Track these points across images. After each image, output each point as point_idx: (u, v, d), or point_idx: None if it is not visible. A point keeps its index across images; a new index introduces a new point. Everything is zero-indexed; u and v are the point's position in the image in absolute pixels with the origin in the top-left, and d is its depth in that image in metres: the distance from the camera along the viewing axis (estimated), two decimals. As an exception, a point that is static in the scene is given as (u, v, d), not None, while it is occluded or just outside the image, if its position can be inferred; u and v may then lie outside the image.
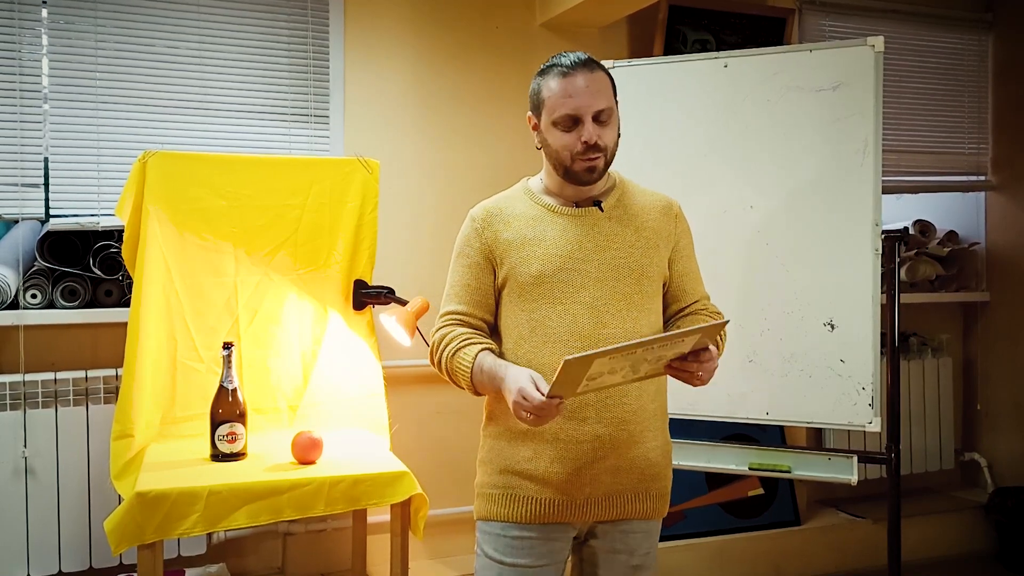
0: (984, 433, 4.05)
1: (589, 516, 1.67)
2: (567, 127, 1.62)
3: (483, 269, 1.69)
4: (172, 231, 2.46)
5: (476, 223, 1.71)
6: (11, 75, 2.63)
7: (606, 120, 1.62)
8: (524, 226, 1.68)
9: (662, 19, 3.34)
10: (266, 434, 2.50)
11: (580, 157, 1.62)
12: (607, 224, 1.68)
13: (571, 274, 1.64)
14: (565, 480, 1.63)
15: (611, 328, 1.62)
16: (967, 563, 3.67)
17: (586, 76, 1.61)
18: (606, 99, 1.62)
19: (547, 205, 1.70)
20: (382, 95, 3.09)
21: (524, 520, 1.66)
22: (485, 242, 1.69)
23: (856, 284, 2.44)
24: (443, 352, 1.67)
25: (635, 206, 1.72)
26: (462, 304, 1.70)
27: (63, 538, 2.57)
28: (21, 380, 2.55)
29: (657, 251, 1.69)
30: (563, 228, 1.67)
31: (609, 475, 1.64)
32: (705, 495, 3.39)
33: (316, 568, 2.97)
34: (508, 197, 1.75)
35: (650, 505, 1.71)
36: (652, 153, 2.63)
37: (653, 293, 1.69)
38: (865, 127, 2.42)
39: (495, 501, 1.68)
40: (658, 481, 1.71)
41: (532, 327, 1.64)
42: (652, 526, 1.75)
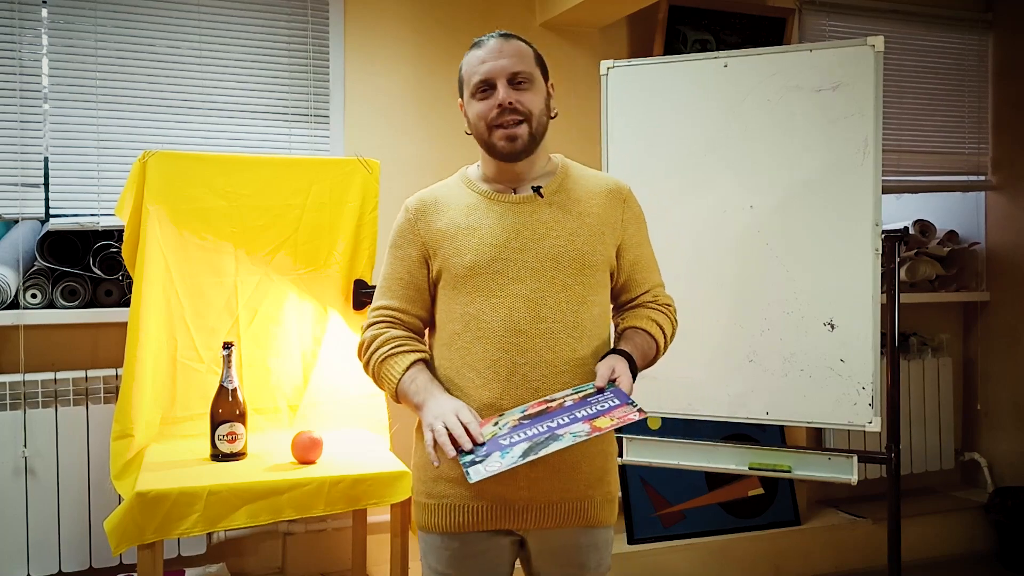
0: (984, 433, 4.05)
1: (528, 523, 1.57)
2: (483, 95, 1.57)
3: (416, 262, 1.62)
4: (172, 231, 2.46)
5: (409, 213, 1.64)
6: (11, 75, 2.63)
7: (525, 84, 1.56)
8: (458, 215, 1.60)
9: (662, 19, 3.34)
10: (266, 434, 2.50)
11: (496, 124, 1.55)
12: (547, 211, 1.59)
13: (506, 264, 1.55)
14: (498, 486, 1.51)
15: (549, 322, 1.53)
16: (967, 563, 3.67)
17: (499, 42, 1.57)
18: (523, 63, 1.56)
19: (484, 192, 1.62)
20: (382, 95, 3.09)
21: (461, 529, 1.57)
22: (418, 233, 1.62)
23: (856, 284, 2.44)
24: (372, 355, 1.61)
25: (578, 191, 1.63)
26: (395, 299, 1.63)
27: (63, 538, 2.57)
28: (21, 380, 2.55)
29: (601, 239, 1.60)
30: (499, 216, 1.58)
31: (546, 480, 1.54)
32: (705, 495, 3.39)
33: (316, 568, 2.97)
34: (444, 185, 1.69)
35: (594, 512, 1.60)
36: (652, 153, 2.63)
37: (597, 284, 1.60)
38: (865, 127, 2.42)
39: (430, 511, 1.59)
40: (602, 486, 1.61)
41: (466, 322, 1.55)
42: (599, 534, 1.62)
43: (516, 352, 1.52)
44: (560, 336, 1.53)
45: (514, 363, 1.52)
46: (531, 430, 1.41)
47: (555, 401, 1.48)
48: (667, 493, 3.33)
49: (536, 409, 1.47)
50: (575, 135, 3.30)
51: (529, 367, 1.52)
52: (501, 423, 1.46)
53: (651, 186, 2.61)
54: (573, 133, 3.31)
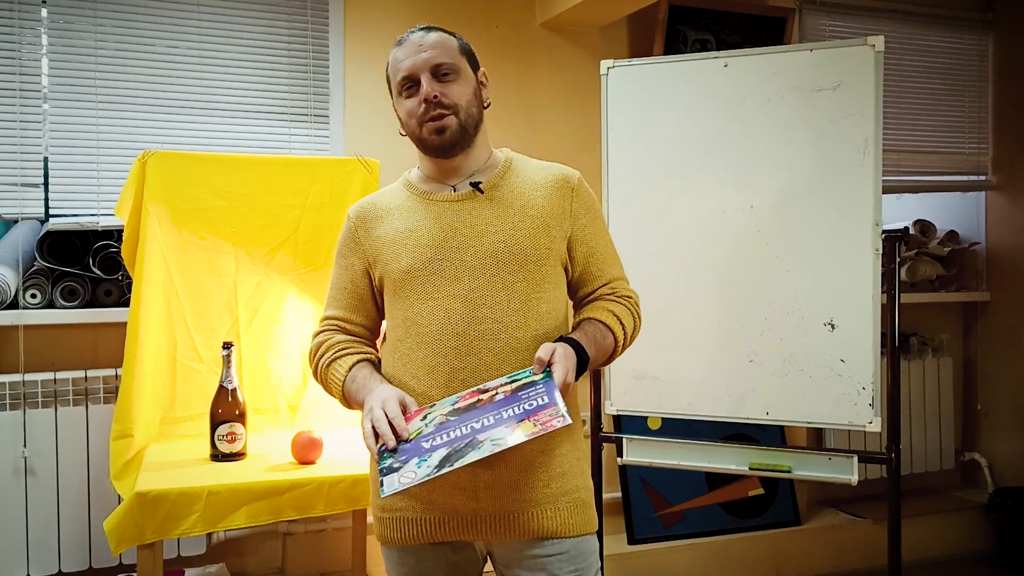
0: (984, 433, 4.05)
1: (485, 535, 1.49)
2: (409, 92, 1.53)
3: (359, 272, 1.59)
4: (172, 231, 2.46)
5: (350, 222, 1.62)
6: (11, 75, 2.63)
7: (449, 76, 1.52)
8: (397, 219, 1.56)
9: (662, 19, 3.34)
10: (266, 434, 2.50)
11: (424, 119, 1.51)
12: (486, 207, 1.53)
13: (443, 265, 1.49)
14: (449, 497, 1.47)
15: (488, 323, 1.46)
16: (967, 563, 3.67)
17: (420, 36, 1.54)
18: (445, 55, 1.52)
19: (422, 193, 1.58)
20: (382, 95, 3.06)
21: (414, 542, 1.51)
22: (359, 242, 1.59)
23: (856, 284, 2.43)
24: (319, 360, 1.59)
25: (522, 185, 1.56)
26: (340, 309, 1.61)
27: (63, 538, 2.57)
28: (21, 380, 2.55)
29: (546, 232, 1.52)
30: (436, 216, 1.53)
31: (503, 488, 1.46)
32: (705, 495, 3.39)
33: (316, 568, 2.97)
34: (385, 191, 1.65)
35: (560, 521, 1.49)
36: (652, 153, 2.63)
37: (543, 280, 1.52)
38: (865, 127, 2.42)
39: (386, 525, 1.54)
40: (565, 494, 1.50)
41: (407, 327, 1.51)
42: (573, 545, 1.50)
43: (454, 356, 1.46)
44: (501, 337, 1.46)
45: (452, 367, 1.46)
46: (454, 431, 1.34)
47: (487, 392, 1.40)
48: (667, 493, 3.33)
49: (467, 401, 1.40)
50: (575, 135, 3.30)
51: (469, 371, 1.46)
52: (429, 417, 1.40)
53: (651, 186, 2.62)
54: (573, 133, 3.31)
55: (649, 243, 2.57)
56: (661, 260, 2.54)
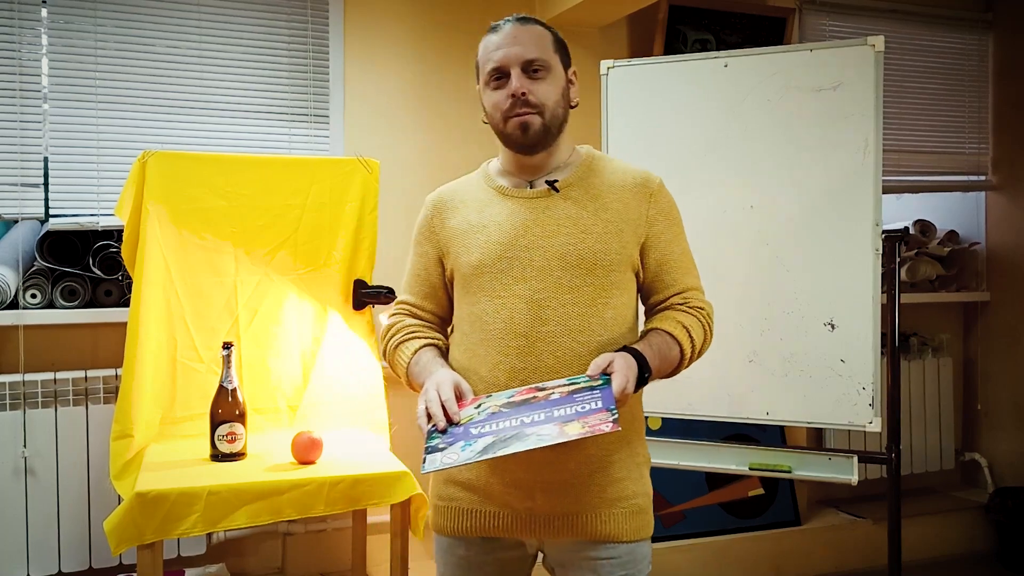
0: (984, 433, 4.05)
1: (540, 534, 1.50)
2: (497, 83, 1.50)
3: (432, 260, 1.61)
4: (172, 231, 2.45)
5: (427, 210, 1.63)
6: (11, 75, 2.63)
7: (540, 73, 1.49)
8: (471, 212, 1.56)
9: (662, 19, 3.34)
10: (266, 434, 2.50)
11: (510, 114, 1.48)
12: (562, 207, 1.51)
13: (511, 264, 1.49)
14: (505, 493, 1.49)
15: (552, 325, 1.46)
16: (967, 563, 3.67)
17: (515, 27, 1.50)
18: (538, 50, 1.49)
19: (499, 187, 1.56)
20: (382, 95, 3.09)
21: (467, 534, 1.53)
22: (434, 231, 1.60)
23: (856, 284, 2.43)
24: (388, 343, 1.62)
25: (600, 185, 1.54)
26: (413, 295, 1.64)
27: (63, 538, 2.57)
28: (21, 380, 2.55)
29: (619, 237, 1.50)
30: (510, 212, 1.52)
31: (557, 492, 1.47)
32: (705, 495, 3.39)
33: (316, 568, 2.97)
34: (464, 181, 1.64)
35: (615, 526, 1.49)
36: (652, 153, 2.62)
37: (611, 285, 1.49)
38: (865, 127, 2.42)
39: (441, 514, 1.56)
40: (621, 500, 1.50)
41: (472, 322, 1.52)
42: (625, 550, 1.50)
43: (516, 356, 1.47)
44: (563, 340, 1.46)
45: (513, 367, 1.47)
46: (504, 422, 1.34)
47: (544, 391, 1.41)
48: (667, 493, 3.33)
49: (522, 396, 1.41)
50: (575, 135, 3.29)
51: (529, 371, 1.46)
52: (483, 407, 1.41)
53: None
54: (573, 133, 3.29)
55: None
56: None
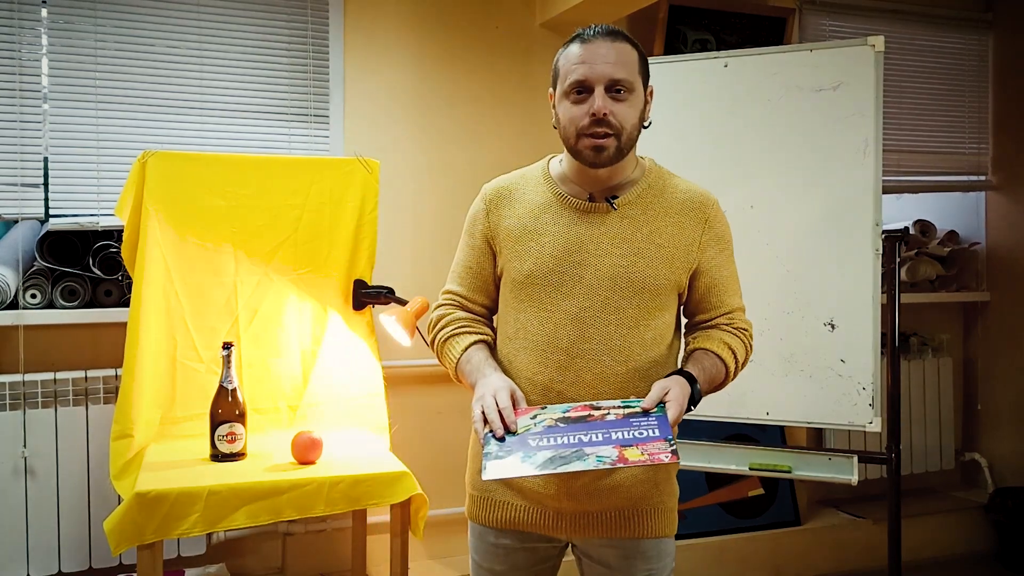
0: (984, 433, 4.05)
1: (569, 531, 1.56)
2: (578, 97, 1.47)
3: (484, 253, 1.60)
4: (172, 231, 2.46)
5: (484, 202, 1.61)
6: (11, 75, 2.63)
7: (623, 95, 1.46)
8: (528, 214, 1.55)
9: (662, 19, 3.34)
10: (266, 434, 2.50)
11: (586, 133, 1.46)
12: (617, 224, 1.51)
13: (562, 278, 1.50)
14: (537, 490, 1.53)
15: (593, 343, 1.48)
16: (967, 563, 3.67)
17: (605, 43, 1.47)
18: (625, 70, 1.46)
19: (558, 193, 1.55)
20: (382, 95, 3.09)
21: (499, 525, 1.59)
22: (490, 224, 1.59)
23: (856, 284, 2.43)
24: (438, 334, 1.62)
25: (658, 206, 1.54)
26: (462, 286, 1.63)
27: (63, 538, 2.56)
28: (21, 380, 2.55)
29: (670, 263, 1.52)
30: (567, 224, 1.52)
31: (586, 492, 1.51)
32: (705, 495, 3.39)
33: (316, 568, 2.97)
34: (524, 176, 1.62)
35: (641, 523, 1.54)
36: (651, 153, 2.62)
37: (655, 307, 1.51)
38: (865, 127, 2.42)
39: (475, 503, 1.62)
40: (648, 500, 1.55)
41: (516, 328, 1.55)
42: (652, 545, 1.56)
43: (555, 369, 1.50)
44: (602, 359, 1.49)
45: (551, 379, 1.50)
46: (563, 437, 1.37)
47: (599, 411, 1.43)
48: (667, 493, 3.33)
49: (578, 414, 1.43)
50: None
51: (566, 384, 1.49)
52: (539, 419, 1.42)
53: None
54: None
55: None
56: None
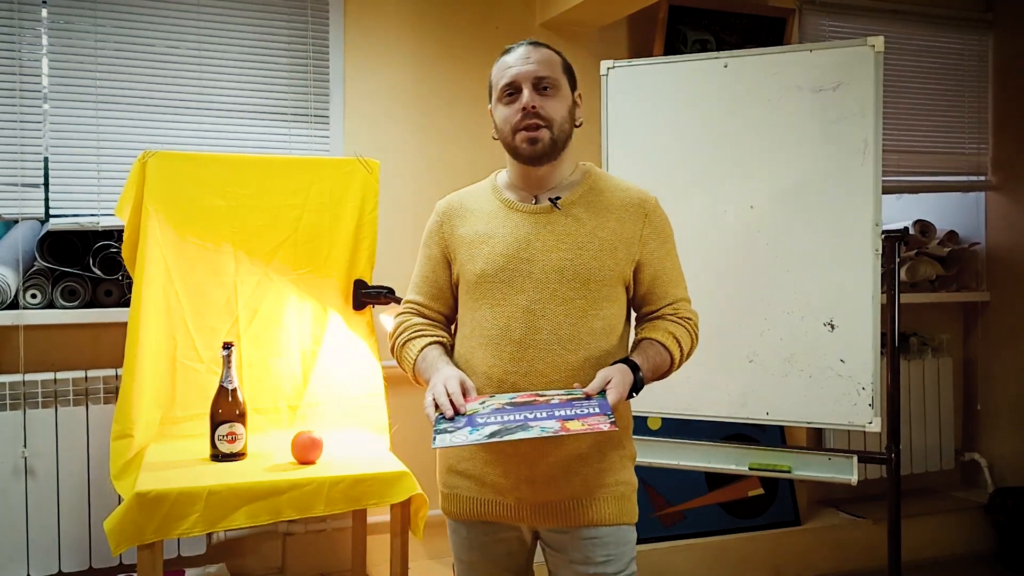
0: (984, 433, 4.05)
1: (532, 520, 1.63)
2: (509, 99, 1.61)
3: (440, 263, 1.72)
4: (172, 231, 2.46)
5: (437, 217, 1.74)
6: (11, 75, 2.63)
7: (549, 91, 1.60)
8: (479, 222, 1.67)
9: (662, 19, 3.34)
10: (266, 434, 2.50)
11: (520, 127, 1.59)
12: (562, 223, 1.62)
13: (512, 275, 1.60)
14: (498, 482, 1.62)
15: (544, 334, 1.58)
16: (967, 563, 3.67)
17: (528, 49, 1.62)
18: (549, 69, 1.60)
19: (506, 200, 1.67)
20: (382, 95, 3.09)
21: (467, 518, 1.68)
22: (443, 236, 1.71)
23: (856, 284, 2.43)
24: (396, 340, 1.72)
25: (600, 204, 1.65)
26: (420, 295, 1.74)
27: (63, 538, 2.57)
28: (21, 380, 2.55)
29: (613, 254, 1.62)
30: (515, 226, 1.63)
31: (546, 481, 1.60)
32: (705, 495, 3.39)
33: (316, 568, 2.97)
34: (474, 190, 1.75)
35: (599, 510, 1.61)
36: (652, 153, 2.63)
37: (602, 298, 1.61)
38: (865, 127, 2.42)
39: (446, 500, 1.71)
40: (606, 488, 1.62)
41: (472, 327, 1.65)
42: (608, 532, 1.63)
43: (509, 361, 1.59)
44: (554, 348, 1.58)
45: (506, 370, 1.59)
46: (508, 416, 1.46)
47: (543, 397, 1.52)
48: (667, 493, 3.33)
49: (523, 399, 1.52)
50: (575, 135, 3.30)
51: (520, 375, 1.58)
52: (487, 404, 1.52)
53: (651, 186, 2.60)
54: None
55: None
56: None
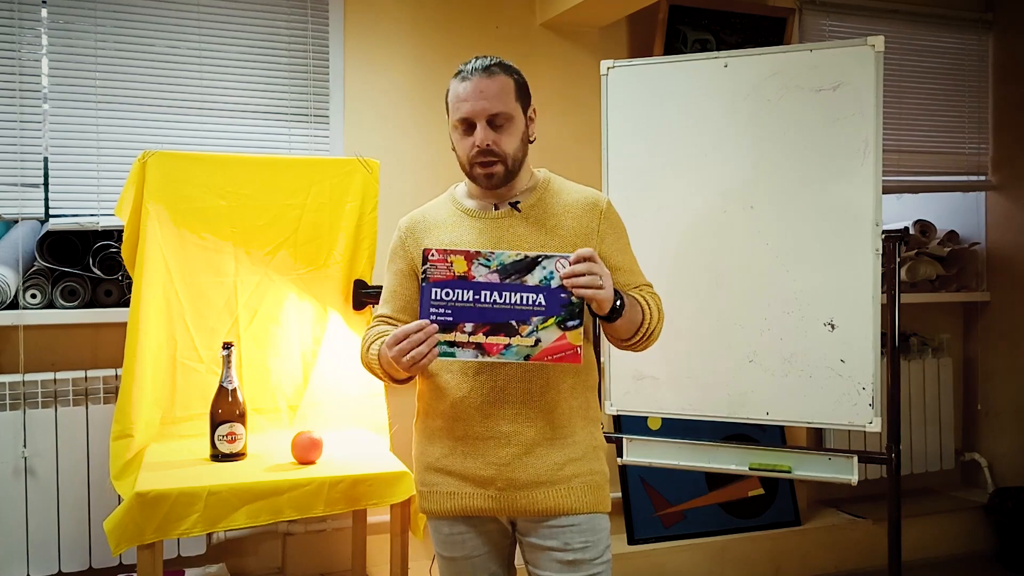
0: (984, 433, 4.05)
1: (511, 510, 1.68)
2: (464, 131, 1.66)
3: (407, 276, 1.76)
4: (172, 231, 2.46)
5: (401, 232, 1.79)
6: (11, 75, 2.63)
7: (503, 125, 1.64)
8: (442, 232, 1.73)
9: (662, 19, 3.34)
10: (266, 434, 2.50)
11: (476, 161, 1.65)
12: (521, 227, 1.69)
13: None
14: (479, 474, 1.67)
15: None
16: (967, 563, 3.67)
17: (483, 81, 1.63)
18: (501, 103, 1.63)
19: (466, 209, 1.74)
20: (382, 95, 3.09)
21: (448, 514, 1.71)
22: (408, 250, 1.76)
23: (856, 284, 2.43)
24: (363, 351, 1.76)
25: (555, 206, 1.72)
26: (388, 308, 1.79)
27: (63, 538, 2.57)
28: (21, 380, 2.55)
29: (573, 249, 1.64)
30: (477, 232, 1.70)
31: (523, 471, 1.65)
32: (705, 495, 3.39)
33: (316, 568, 2.97)
34: (433, 205, 1.81)
35: (575, 499, 1.67)
36: (652, 153, 2.63)
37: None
38: (865, 127, 2.42)
39: (424, 498, 1.74)
40: (580, 476, 1.68)
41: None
42: (585, 520, 1.68)
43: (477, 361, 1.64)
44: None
45: (480, 365, 1.65)
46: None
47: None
48: (667, 493, 3.33)
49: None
50: (575, 135, 3.30)
51: (491, 367, 1.64)
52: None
53: (651, 186, 2.62)
54: (573, 133, 3.31)
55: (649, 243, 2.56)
56: (660, 260, 2.54)
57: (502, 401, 1.65)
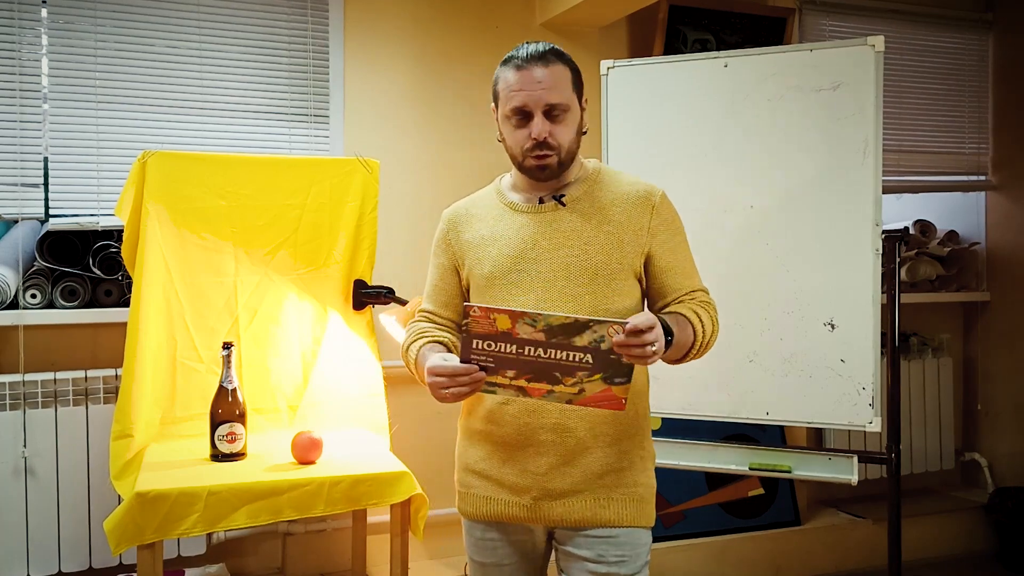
0: (984, 433, 4.05)
1: (547, 520, 1.63)
2: (518, 122, 1.58)
3: (448, 270, 1.72)
4: (172, 231, 2.46)
5: (444, 225, 1.74)
6: (11, 75, 2.63)
7: (559, 116, 1.57)
8: (484, 226, 1.67)
9: (662, 19, 3.34)
10: (266, 434, 2.50)
11: (530, 154, 1.57)
12: (568, 220, 1.61)
13: (520, 275, 1.60)
14: (515, 482, 1.62)
15: None
16: (967, 563, 3.67)
17: (540, 69, 1.55)
18: (560, 94, 1.56)
19: (510, 203, 1.67)
20: (382, 95, 3.09)
21: (482, 519, 1.68)
22: (450, 244, 1.71)
23: (856, 284, 2.43)
24: (404, 347, 1.71)
25: (604, 199, 1.63)
26: (431, 303, 1.75)
27: (63, 538, 2.57)
28: (21, 380, 2.55)
29: (620, 248, 1.60)
30: (520, 226, 1.63)
31: (560, 480, 1.60)
32: (705, 495, 3.39)
33: (316, 568, 2.97)
34: (478, 196, 1.75)
35: (614, 511, 1.62)
36: (652, 153, 2.63)
37: (612, 292, 1.60)
38: (865, 127, 2.42)
39: (461, 499, 1.71)
40: (621, 487, 1.63)
41: None
42: (624, 533, 1.63)
43: None
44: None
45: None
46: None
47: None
48: (667, 493, 3.33)
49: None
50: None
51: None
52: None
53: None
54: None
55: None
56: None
57: (542, 409, 1.58)
